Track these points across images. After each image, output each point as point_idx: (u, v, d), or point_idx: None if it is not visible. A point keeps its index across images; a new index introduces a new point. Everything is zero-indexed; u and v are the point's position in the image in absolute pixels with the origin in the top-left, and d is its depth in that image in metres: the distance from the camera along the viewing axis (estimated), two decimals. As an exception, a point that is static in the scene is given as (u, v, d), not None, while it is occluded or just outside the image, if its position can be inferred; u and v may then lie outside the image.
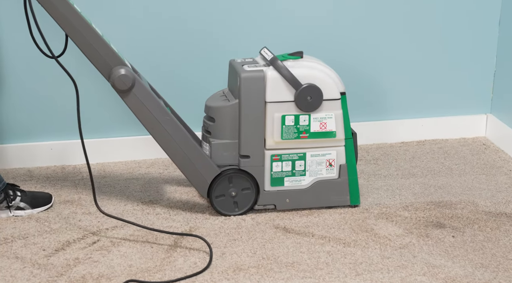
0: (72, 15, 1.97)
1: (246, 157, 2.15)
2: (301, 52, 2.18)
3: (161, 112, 2.09)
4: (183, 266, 1.91)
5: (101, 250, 1.99)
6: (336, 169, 2.20)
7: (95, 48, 2.01)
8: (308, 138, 2.16)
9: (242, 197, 2.17)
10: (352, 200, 2.24)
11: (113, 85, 2.04)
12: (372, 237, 2.07)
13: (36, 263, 1.92)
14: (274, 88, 2.11)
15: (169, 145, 2.11)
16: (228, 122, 2.14)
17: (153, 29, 2.53)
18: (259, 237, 2.07)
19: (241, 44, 2.58)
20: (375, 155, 2.70)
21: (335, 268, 1.91)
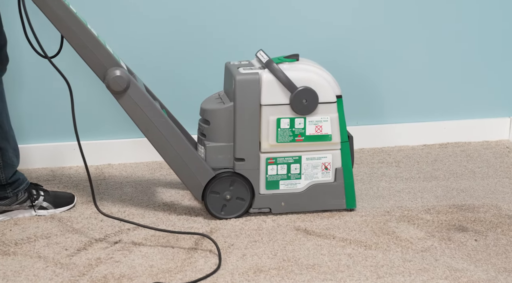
0: (67, 15, 1.97)
1: (241, 160, 2.13)
2: (297, 55, 2.17)
3: (156, 114, 2.08)
4: (203, 267, 1.91)
5: (122, 250, 2.00)
6: (332, 172, 2.19)
7: (90, 49, 2.00)
8: (303, 141, 2.14)
9: (234, 203, 2.17)
10: (348, 204, 2.22)
11: (107, 86, 2.03)
12: (394, 240, 2.06)
13: (58, 262, 1.94)
14: (269, 91, 2.10)
15: (164, 147, 2.10)
16: (223, 125, 2.13)
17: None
18: (279, 238, 2.07)
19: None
20: (396, 157, 2.69)
21: (356, 271, 1.90)
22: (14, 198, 2.16)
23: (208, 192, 2.14)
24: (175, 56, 2.58)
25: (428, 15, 2.69)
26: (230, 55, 2.48)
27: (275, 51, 2.38)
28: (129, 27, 2.53)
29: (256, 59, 2.23)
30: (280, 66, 2.12)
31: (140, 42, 2.54)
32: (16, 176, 2.16)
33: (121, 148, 2.62)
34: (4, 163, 2.11)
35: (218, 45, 2.58)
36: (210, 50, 2.58)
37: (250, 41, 2.58)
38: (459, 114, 2.82)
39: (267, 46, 2.49)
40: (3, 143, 2.10)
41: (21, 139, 2.47)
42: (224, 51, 2.57)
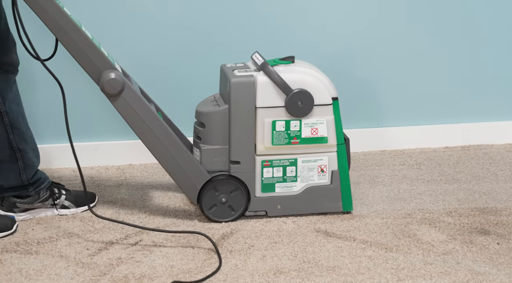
0: (61, 18, 1.96)
1: (237, 163, 2.12)
2: (293, 57, 2.16)
3: (151, 117, 2.07)
4: (224, 268, 1.92)
5: (143, 250, 2.01)
6: (328, 175, 2.17)
7: (84, 51, 2.00)
8: (299, 144, 2.13)
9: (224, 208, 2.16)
10: (345, 207, 2.20)
11: (102, 89, 2.02)
12: (415, 242, 2.05)
13: (80, 262, 1.95)
14: (264, 93, 2.09)
15: (159, 150, 2.09)
16: (218, 128, 2.12)
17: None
18: (300, 240, 2.07)
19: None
20: (418, 159, 2.67)
21: (376, 273, 1.89)
22: (36, 196, 2.17)
23: (204, 195, 2.13)
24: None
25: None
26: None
27: (271, 53, 2.36)
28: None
29: (251, 61, 2.22)
30: (276, 68, 2.11)
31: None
32: (37, 175, 2.18)
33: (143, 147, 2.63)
34: (25, 164, 2.13)
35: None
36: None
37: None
38: (482, 116, 2.79)
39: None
40: (22, 145, 2.12)
41: (42, 140, 2.49)
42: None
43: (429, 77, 2.74)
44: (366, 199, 2.34)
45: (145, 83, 2.40)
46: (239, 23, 2.58)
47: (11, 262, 1.94)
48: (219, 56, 2.54)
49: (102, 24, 2.51)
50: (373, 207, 2.29)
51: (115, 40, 2.52)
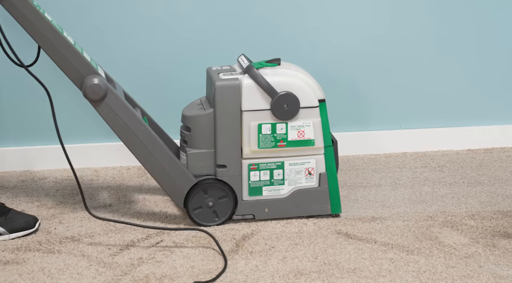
0: (41, 24, 1.94)
1: (223, 167, 2.11)
2: (279, 59, 2.14)
3: (135, 122, 2.05)
4: (244, 269, 1.92)
5: (164, 250, 2.02)
6: (316, 177, 2.16)
7: (66, 57, 1.98)
8: (285, 147, 2.11)
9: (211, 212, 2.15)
10: (333, 209, 2.19)
11: (84, 94, 2.01)
12: (437, 245, 2.04)
13: (101, 261, 1.96)
14: (249, 96, 2.07)
15: (144, 155, 2.08)
16: (204, 132, 2.11)
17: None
18: (320, 242, 2.06)
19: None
20: (440, 162, 2.65)
21: (397, 276, 1.88)
22: None
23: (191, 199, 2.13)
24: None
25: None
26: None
27: (260, 55, 2.34)
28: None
29: (237, 64, 2.21)
30: (261, 71, 2.10)
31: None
32: None
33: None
34: None
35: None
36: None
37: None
38: (505, 118, 2.77)
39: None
40: None
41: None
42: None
43: (451, 79, 2.72)
44: (388, 201, 2.33)
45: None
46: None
47: (34, 261, 1.96)
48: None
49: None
50: (394, 209, 2.27)
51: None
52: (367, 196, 2.37)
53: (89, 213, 2.07)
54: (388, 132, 2.74)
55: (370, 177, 2.53)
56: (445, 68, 2.71)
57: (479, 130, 2.76)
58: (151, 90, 2.60)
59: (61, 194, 2.40)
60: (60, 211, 2.27)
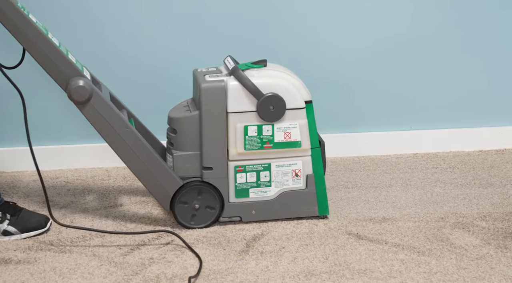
0: (26, 25, 1.93)
1: (209, 169, 2.10)
2: (265, 61, 2.13)
3: (121, 124, 2.04)
4: (254, 269, 1.92)
5: (174, 250, 2.02)
6: (303, 179, 2.15)
7: (50, 59, 1.97)
8: (272, 149, 2.10)
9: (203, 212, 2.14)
10: (321, 211, 2.18)
11: (69, 96, 2.00)
12: (448, 246, 2.03)
13: (112, 261, 1.97)
14: (235, 98, 2.07)
15: (129, 157, 2.07)
16: (190, 134, 2.10)
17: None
18: (331, 243, 2.06)
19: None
20: (451, 163, 2.64)
21: (408, 277, 1.88)
22: None
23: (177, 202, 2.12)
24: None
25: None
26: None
27: (248, 57, 2.32)
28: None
29: (223, 65, 2.20)
30: (247, 72, 2.09)
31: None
32: None
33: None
34: None
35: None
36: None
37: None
38: (517, 119, 2.76)
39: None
40: None
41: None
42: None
43: (463, 80, 2.71)
44: (399, 202, 2.32)
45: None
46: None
47: (45, 261, 1.97)
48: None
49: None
50: (405, 210, 2.27)
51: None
52: (378, 197, 2.37)
53: (53, 220, 2.06)
54: (399, 133, 2.73)
55: (381, 178, 2.52)
56: (458, 69, 2.70)
57: (490, 131, 2.75)
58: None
59: (72, 193, 2.41)
60: (71, 210, 2.28)
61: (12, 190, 2.44)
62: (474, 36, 2.67)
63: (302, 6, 2.57)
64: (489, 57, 2.69)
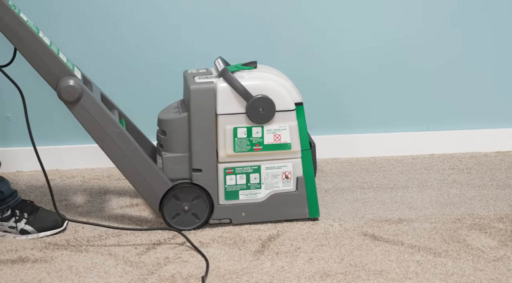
0: (16, 24, 1.91)
1: (199, 171, 2.09)
2: (255, 62, 2.12)
3: (111, 125, 2.03)
4: (270, 270, 1.92)
5: (190, 250, 2.03)
6: (293, 181, 2.14)
7: (41, 58, 1.96)
8: (262, 151, 2.09)
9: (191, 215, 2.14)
10: (311, 213, 2.16)
11: (59, 96, 2.00)
12: (464, 248, 2.02)
13: (128, 260, 1.98)
14: (225, 100, 2.06)
15: (119, 158, 2.06)
16: (179, 135, 2.09)
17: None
18: (347, 243, 2.05)
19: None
20: (468, 164, 2.63)
21: (425, 278, 1.87)
22: None
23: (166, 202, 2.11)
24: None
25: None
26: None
27: (241, 58, 2.31)
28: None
29: (214, 67, 2.19)
30: (237, 74, 2.08)
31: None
32: None
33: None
34: None
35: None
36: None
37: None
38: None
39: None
40: None
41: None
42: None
43: (481, 80, 2.69)
44: (415, 203, 2.31)
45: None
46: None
47: (62, 259, 1.98)
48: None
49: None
50: (421, 211, 2.26)
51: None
52: (394, 198, 2.36)
53: (58, 214, 2.07)
54: (415, 134, 2.72)
55: (397, 179, 2.51)
56: (475, 69, 2.68)
57: (508, 132, 2.73)
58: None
59: (89, 193, 2.43)
60: (87, 210, 2.29)
61: (29, 189, 2.46)
62: (490, 35, 2.65)
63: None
64: (508, 56, 2.67)
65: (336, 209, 2.28)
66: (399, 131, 2.72)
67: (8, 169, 2.59)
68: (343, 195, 2.39)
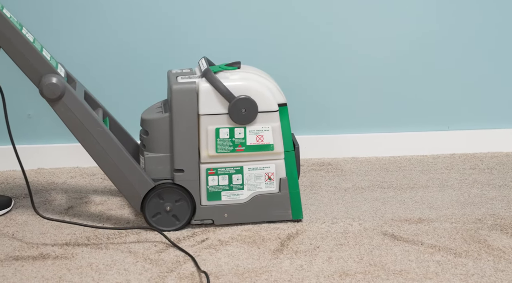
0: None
1: (181, 171, 2.08)
2: (239, 63, 2.11)
3: (93, 123, 2.02)
4: (289, 269, 1.92)
5: (209, 248, 2.03)
6: (276, 182, 2.12)
7: (23, 55, 1.95)
8: (244, 151, 2.08)
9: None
10: (294, 215, 2.15)
11: (41, 93, 1.99)
12: (485, 248, 2.00)
13: (148, 258, 1.98)
14: (207, 100, 2.04)
15: (101, 157, 2.05)
16: (162, 135, 2.08)
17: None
18: (366, 243, 2.05)
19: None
20: (489, 164, 2.61)
21: (445, 279, 1.86)
22: None
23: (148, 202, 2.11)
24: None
25: None
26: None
27: (224, 58, 2.30)
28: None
29: (198, 67, 2.18)
30: (220, 74, 2.07)
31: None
32: None
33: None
34: None
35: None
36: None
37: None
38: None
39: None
40: None
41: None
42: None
43: (501, 79, 2.67)
44: (435, 203, 2.30)
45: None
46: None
47: (82, 256, 2.00)
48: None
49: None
50: (442, 211, 2.24)
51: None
52: (414, 198, 2.35)
53: (37, 213, 2.08)
54: (436, 133, 2.71)
55: (417, 178, 2.50)
56: (496, 69, 2.66)
57: (530, 131, 2.71)
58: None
59: (109, 190, 2.44)
60: (107, 207, 2.31)
61: (50, 186, 2.48)
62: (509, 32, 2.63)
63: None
64: None
65: (356, 208, 2.27)
66: (420, 130, 2.70)
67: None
68: (362, 194, 2.38)
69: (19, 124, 2.51)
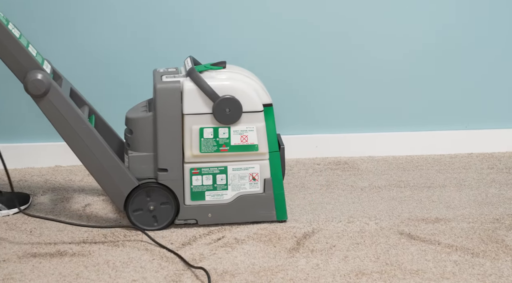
0: None
1: (164, 171, 2.08)
2: (224, 62, 2.10)
3: (78, 121, 2.01)
4: (305, 267, 1.92)
5: (225, 247, 2.03)
6: (261, 183, 2.11)
7: (8, 50, 1.94)
8: (228, 151, 2.07)
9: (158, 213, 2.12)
10: (279, 216, 2.14)
11: (25, 89, 1.98)
12: (503, 248, 1.99)
13: (164, 256, 1.99)
14: (191, 100, 2.03)
15: (85, 155, 2.04)
16: (146, 134, 2.07)
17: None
18: (382, 242, 2.04)
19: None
20: (507, 163, 2.59)
21: (462, 279, 1.84)
22: None
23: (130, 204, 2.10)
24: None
25: None
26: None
27: (212, 57, 2.29)
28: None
29: (183, 66, 2.17)
30: (205, 74, 2.06)
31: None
32: None
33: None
34: None
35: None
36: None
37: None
38: None
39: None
40: None
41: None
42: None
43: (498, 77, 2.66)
44: (452, 203, 2.29)
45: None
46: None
47: (99, 254, 2.01)
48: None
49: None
50: (459, 211, 2.23)
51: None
52: (431, 197, 2.34)
53: (19, 210, 2.10)
54: (454, 132, 2.69)
55: (434, 178, 2.49)
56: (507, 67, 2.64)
57: (549, 131, 2.68)
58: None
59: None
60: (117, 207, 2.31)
61: (67, 183, 2.50)
62: None
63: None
64: None
65: (372, 207, 2.27)
66: (437, 129, 2.69)
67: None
68: (379, 193, 2.37)
69: (37, 121, 2.52)
